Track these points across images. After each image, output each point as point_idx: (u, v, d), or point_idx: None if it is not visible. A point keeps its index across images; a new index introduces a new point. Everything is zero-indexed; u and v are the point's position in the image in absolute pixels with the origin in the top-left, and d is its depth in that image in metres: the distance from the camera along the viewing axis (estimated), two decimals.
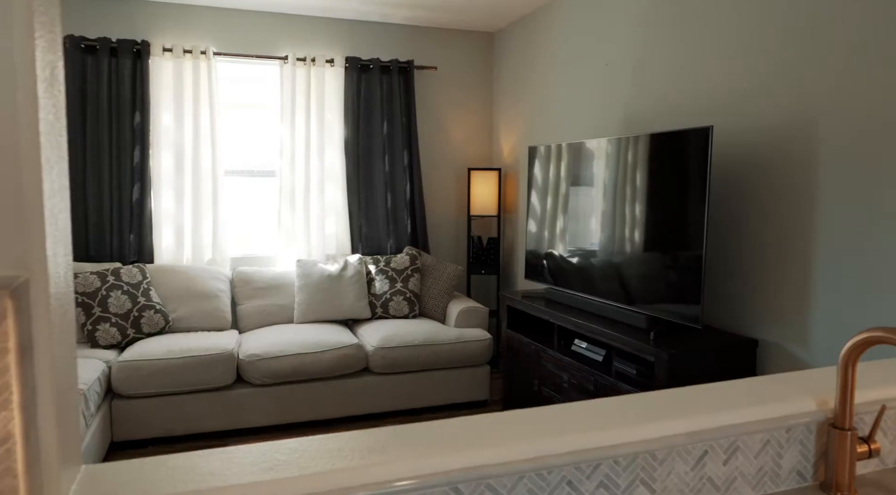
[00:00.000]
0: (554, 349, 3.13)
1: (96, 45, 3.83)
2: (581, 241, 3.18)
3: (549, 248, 3.44)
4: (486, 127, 4.85)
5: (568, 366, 2.99)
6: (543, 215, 3.50)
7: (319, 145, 4.36)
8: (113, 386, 3.18)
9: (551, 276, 3.41)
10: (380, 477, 0.84)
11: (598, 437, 0.97)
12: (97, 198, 3.93)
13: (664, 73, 3.02)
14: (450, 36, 4.67)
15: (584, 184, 3.15)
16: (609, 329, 2.72)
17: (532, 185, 3.61)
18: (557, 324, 3.10)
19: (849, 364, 1.05)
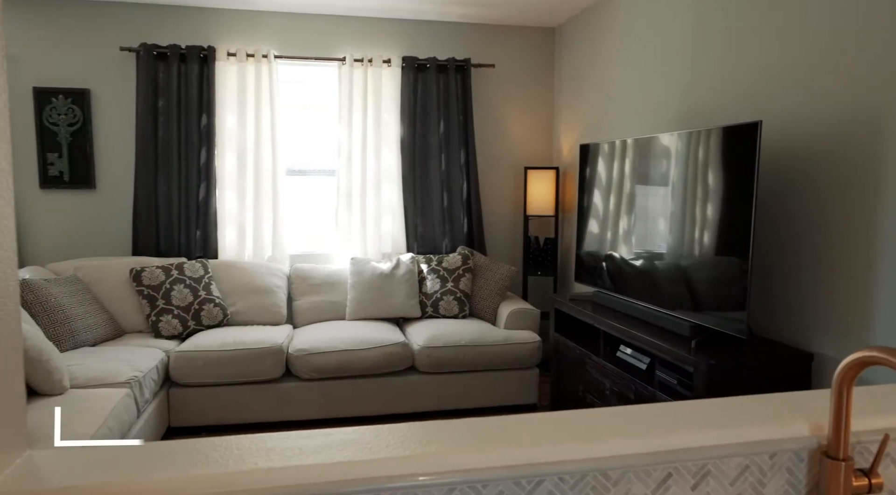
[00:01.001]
0: (598, 355, 3.01)
1: (167, 52, 4.06)
2: (627, 243, 3.04)
3: (598, 250, 3.31)
4: (545, 125, 4.74)
5: (610, 373, 2.86)
6: (593, 215, 3.38)
7: (376, 145, 4.41)
8: (170, 374, 3.36)
9: (599, 279, 3.28)
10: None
11: (543, 451, 0.91)
12: (166, 198, 4.16)
13: (719, 64, 2.83)
14: (508, 33, 4.60)
15: (631, 183, 3.01)
16: (652, 336, 2.58)
17: (583, 185, 3.49)
18: (602, 330, 2.97)
19: (843, 386, 0.93)
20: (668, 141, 2.72)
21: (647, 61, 3.44)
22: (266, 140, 4.25)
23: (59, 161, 4.08)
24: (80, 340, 3.33)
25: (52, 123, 4.04)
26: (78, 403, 2.48)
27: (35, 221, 4.10)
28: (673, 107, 3.21)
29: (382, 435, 0.95)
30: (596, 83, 4.05)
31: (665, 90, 3.28)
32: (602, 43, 3.95)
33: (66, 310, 3.32)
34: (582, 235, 3.50)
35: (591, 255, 3.39)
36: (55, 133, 4.06)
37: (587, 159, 3.46)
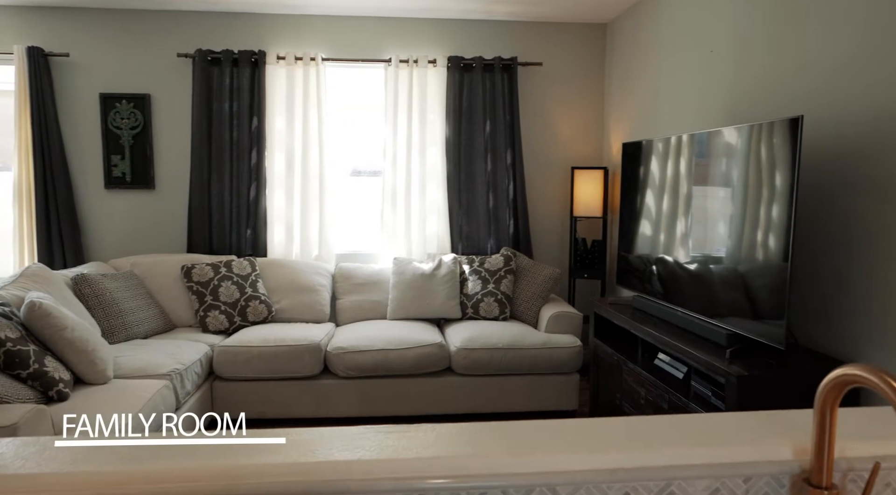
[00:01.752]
0: (634, 362, 2.89)
1: (220, 57, 4.21)
2: (665, 245, 2.91)
3: (639, 253, 3.19)
4: (594, 124, 4.61)
5: (645, 382, 2.74)
6: (635, 217, 3.25)
7: (421, 145, 4.42)
8: (214, 368, 3.47)
9: (638, 283, 3.16)
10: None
11: (487, 462, 0.87)
12: (219, 197, 4.31)
13: (765, 57, 2.65)
14: (556, 30, 4.50)
15: (673, 183, 2.87)
16: (687, 344, 2.46)
17: (625, 185, 3.37)
18: (639, 336, 2.86)
19: (826, 408, 0.84)
20: (727, 136, 2.58)
21: (695, 56, 3.28)
22: (313, 141, 4.34)
23: (122, 162, 4.31)
24: (132, 333, 3.50)
25: (115, 127, 4.27)
26: (117, 393, 2.60)
27: (99, 220, 4.34)
28: (719, 103, 3.04)
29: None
30: (645, 80, 3.90)
31: (712, 86, 3.11)
32: (653, 38, 3.80)
33: (119, 303, 3.50)
34: (623, 237, 3.37)
35: (632, 258, 3.27)
36: (118, 136, 4.28)
37: (630, 158, 3.34)
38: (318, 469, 0.84)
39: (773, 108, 2.61)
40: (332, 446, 0.90)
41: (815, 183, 2.34)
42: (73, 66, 4.21)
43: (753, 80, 2.77)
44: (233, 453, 0.89)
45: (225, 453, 0.89)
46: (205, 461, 0.87)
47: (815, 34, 2.37)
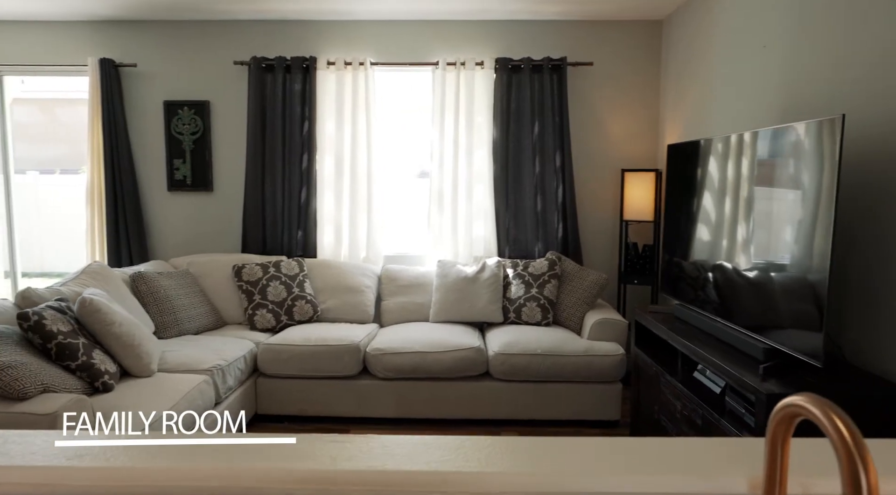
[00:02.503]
0: (672, 374, 2.77)
1: (274, 64, 4.35)
2: (708, 251, 2.77)
3: (680, 259, 3.05)
4: (648, 124, 4.45)
5: (681, 395, 2.62)
6: (676, 221, 3.11)
7: (468, 147, 4.41)
8: (258, 365, 3.59)
9: (680, 291, 3.02)
10: None
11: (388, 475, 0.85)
12: (272, 200, 4.45)
13: (824, 54, 2.47)
14: (608, 28, 4.37)
15: (719, 185, 2.73)
16: (723, 358, 2.32)
17: (670, 188, 3.23)
18: (674, 346, 2.73)
19: (777, 442, 0.77)
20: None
21: (748, 52, 3.10)
22: (362, 144, 4.41)
23: (183, 166, 4.53)
24: (184, 329, 3.67)
25: (177, 132, 4.50)
26: (158, 386, 2.74)
27: (163, 220, 4.58)
28: (772, 101, 2.86)
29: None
30: (700, 78, 3.73)
31: (764, 82, 2.93)
32: (708, 33, 3.62)
33: (173, 300, 3.68)
34: (667, 243, 3.24)
35: (674, 265, 3.13)
36: (180, 141, 4.51)
37: (676, 159, 3.20)
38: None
39: (826, 106, 2.43)
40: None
41: (862, 187, 2.16)
42: (140, 75, 4.47)
43: (807, 75, 2.59)
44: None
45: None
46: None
47: (875, 25, 2.19)
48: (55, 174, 6.53)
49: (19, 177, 6.42)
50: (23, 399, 2.24)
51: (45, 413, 2.15)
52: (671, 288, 3.17)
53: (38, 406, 2.19)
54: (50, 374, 2.41)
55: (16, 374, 2.27)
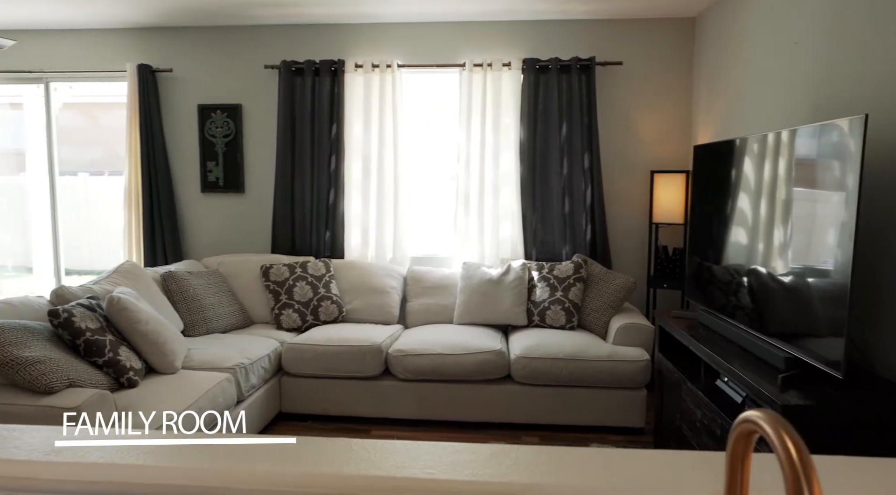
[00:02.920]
0: (693, 381, 2.69)
1: (303, 67, 4.42)
2: (727, 256, 2.68)
3: (703, 263, 2.96)
4: (678, 125, 4.34)
5: (701, 404, 2.54)
6: (700, 223, 3.03)
7: (495, 149, 4.38)
8: (282, 364, 3.65)
9: (704, 296, 2.94)
10: None
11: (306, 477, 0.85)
12: (301, 201, 4.52)
13: (861, 50, 2.37)
14: (638, 26, 4.29)
15: (740, 187, 2.64)
16: (741, 367, 2.25)
17: (696, 190, 3.14)
18: (694, 353, 2.66)
19: (737, 460, 0.74)
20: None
21: (780, 49, 2.99)
22: (389, 146, 4.43)
23: (216, 168, 4.65)
24: (212, 327, 3.76)
25: (211, 135, 4.62)
26: (181, 383, 2.81)
27: (196, 221, 4.71)
28: (801, 100, 2.75)
29: None
30: (733, 76, 3.62)
31: (795, 81, 2.83)
32: (741, 30, 3.51)
33: (201, 300, 3.78)
34: (691, 246, 3.15)
35: (699, 269, 3.04)
36: (213, 144, 4.63)
37: (703, 160, 3.11)
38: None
39: (857, 104, 2.33)
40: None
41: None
42: (175, 80, 4.60)
43: (837, 73, 2.48)
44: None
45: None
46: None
47: None
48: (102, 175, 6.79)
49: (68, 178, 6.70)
50: (49, 393, 2.33)
51: (68, 407, 2.24)
52: (696, 292, 3.08)
53: (62, 400, 2.28)
54: (77, 370, 2.50)
55: (43, 369, 2.36)
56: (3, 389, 2.37)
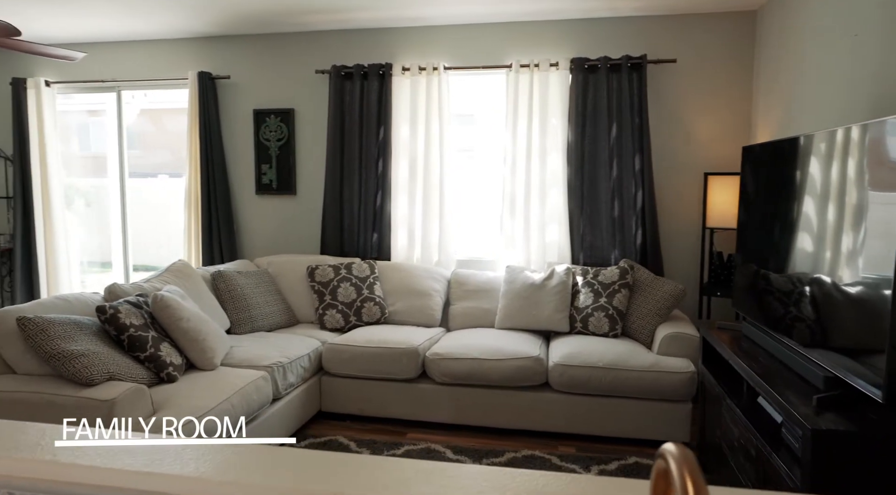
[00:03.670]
0: (733, 396, 2.54)
1: (352, 72, 4.49)
2: (778, 262, 2.51)
3: (749, 271, 2.79)
4: (736, 124, 4.12)
5: (738, 422, 2.39)
6: (749, 230, 2.85)
7: (541, 151, 4.30)
8: (322, 363, 3.72)
9: (747, 306, 2.76)
10: None
11: None
12: (349, 204, 4.59)
13: None
14: (693, 22, 4.10)
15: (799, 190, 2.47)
16: (782, 384, 2.10)
17: (744, 193, 2.97)
18: (732, 367, 2.51)
19: None
20: None
21: (843, 43, 2.78)
22: (435, 148, 4.44)
23: (270, 171, 4.79)
24: (258, 326, 3.88)
25: (265, 139, 4.77)
26: (217, 379, 2.91)
27: (251, 222, 4.88)
28: (860, 96, 2.54)
29: None
30: (793, 72, 3.39)
31: (857, 75, 2.61)
32: (804, 23, 3.28)
33: (248, 299, 3.90)
34: (739, 253, 2.97)
35: (746, 278, 2.87)
36: (267, 147, 4.78)
37: (754, 162, 2.93)
38: None
39: None
40: None
41: None
42: (232, 86, 4.79)
43: None
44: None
45: None
46: None
47: None
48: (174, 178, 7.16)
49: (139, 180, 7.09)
50: (90, 385, 2.47)
51: (104, 399, 2.36)
52: (742, 302, 2.91)
53: (100, 392, 2.40)
54: (118, 363, 2.63)
55: (86, 362, 2.50)
56: (52, 379, 2.53)
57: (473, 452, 3.27)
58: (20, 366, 2.62)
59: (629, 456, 3.25)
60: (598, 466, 3.12)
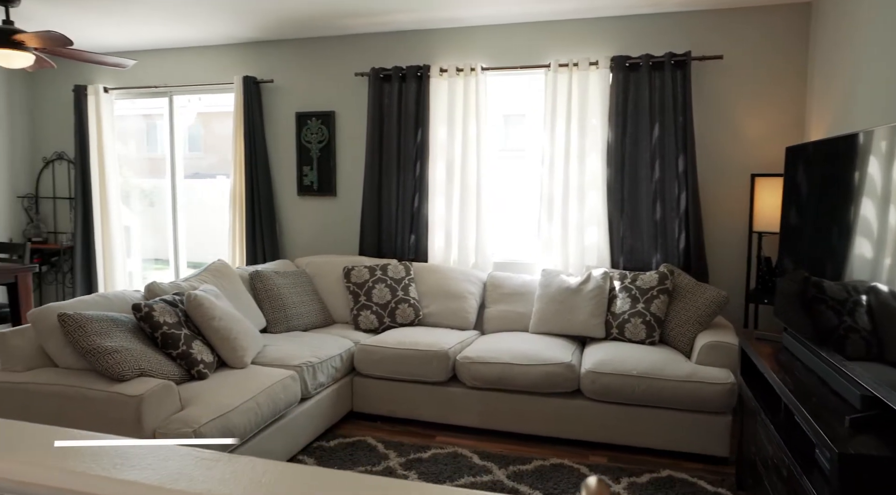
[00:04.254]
0: (769, 412, 2.40)
1: (391, 74, 4.51)
2: (827, 267, 2.35)
3: (790, 277, 2.63)
4: (788, 123, 3.90)
5: (772, 439, 2.26)
6: (793, 234, 2.69)
7: (580, 152, 4.20)
8: (354, 364, 3.75)
9: (787, 315, 2.61)
10: None
11: None
12: (387, 205, 4.62)
13: None
14: (742, 15, 3.91)
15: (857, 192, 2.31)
16: (816, 401, 1.97)
17: (789, 196, 2.80)
18: (767, 380, 2.37)
19: None
20: None
21: None
22: (472, 150, 4.40)
23: (311, 172, 4.87)
24: (293, 325, 3.95)
25: (306, 141, 4.86)
26: (246, 378, 2.96)
27: (293, 223, 4.97)
28: None
29: None
30: (849, 68, 3.19)
31: None
32: (861, 14, 3.08)
33: (284, 298, 3.97)
34: (781, 260, 2.81)
35: (789, 284, 2.71)
36: (308, 149, 4.86)
37: (802, 161, 2.77)
38: None
39: None
40: None
41: None
42: (276, 90, 4.89)
43: None
44: None
45: None
46: None
47: None
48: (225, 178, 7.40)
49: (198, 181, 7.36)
50: (121, 380, 2.56)
51: (132, 395, 2.44)
52: (783, 311, 2.75)
53: (129, 388, 2.49)
54: (150, 360, 2.72)
55: (119, 358, 2.60)
56: (88, 374, 2.64)
57: (500, 458, 3.22)
58: (61, 360, 2.74)
59: (663, 468, 3.13)
60: (629, 478, 3.02)
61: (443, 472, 3.05)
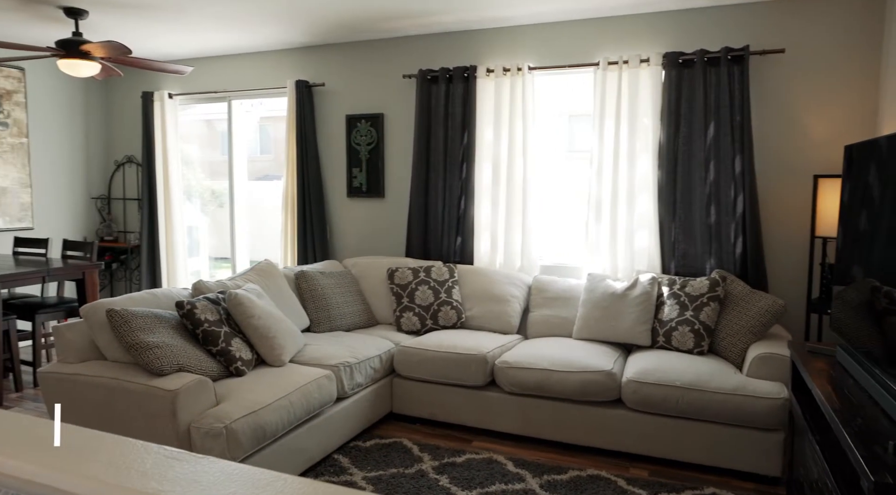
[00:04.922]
0: (815, 431, 2.23)
1: (437, 75, 4.50)
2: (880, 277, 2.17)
3: (848, 286, 2.44)
4: (861, 120, 3.63)
5: (817, 461, 2.10)
6: (855, 238, 2.49)
7: (630, 153, 4.06)
8: (394, 365, 3.75)
9: (842, 326, 2.42)
10: None
11: None
12: (434, 207, 4.61)
13: None
14: (808, 6, 3.67)
15: None
16: (862, 424, 1.81)
17: (849, 198, 2.60)
18: (810, 398, 2.20)
19: None
20: None
21: None
22: (518, 151, 4.34)
23: (360, 174, 4.93)
24: (336, 325, 4.00)
25: (356, 144, 4.92)
26: (282, 376, 3.02)
27: (342, 224, 5.05)
28: None
29: None
30: None
31: None
32: None
33: (328, 298, 4.03)
34: (839, 267, 2.61)
35: (845, 295, 2.51)
36: (357, 151, 4.92)
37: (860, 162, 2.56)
38: None
39: None
40: None
41: None
42: (327, 93, 4.98)
43: None
44: None
45: None
46: None
47: None
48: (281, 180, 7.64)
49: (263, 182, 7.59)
50: (160, 374, 2.66)
51: (168, 389, 2.53)
52: (837, 323, 2.55)
53: (166, 382, 2.58)
54: (189, 356, 2.82)
55: (159, 353, 2.70)
56: (133, 367, 2.76)
57: (536, 467, 3.14)
58: (109, 353, 2.88)
59: (707, 485, 2.97)
60: (669, 494, 2.88)
61: (474, 478, 3.00)
